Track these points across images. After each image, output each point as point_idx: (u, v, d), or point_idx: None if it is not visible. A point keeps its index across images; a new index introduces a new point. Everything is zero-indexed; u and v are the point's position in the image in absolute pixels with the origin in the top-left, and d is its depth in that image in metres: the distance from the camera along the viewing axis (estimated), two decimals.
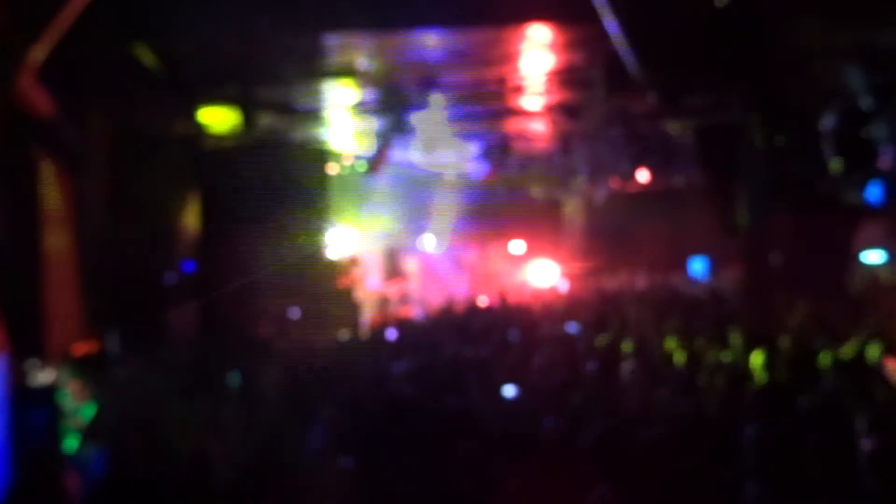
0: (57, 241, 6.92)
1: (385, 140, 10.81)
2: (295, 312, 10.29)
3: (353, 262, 14.21)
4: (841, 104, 7.91)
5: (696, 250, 17.71)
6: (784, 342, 6.45)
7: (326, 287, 11.47)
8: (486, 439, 4.34)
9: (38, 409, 5.18)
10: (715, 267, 16.42)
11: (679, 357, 6.49)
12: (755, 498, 3.36)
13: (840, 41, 6.79)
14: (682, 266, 17.00)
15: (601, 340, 7.23)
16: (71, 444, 5.68)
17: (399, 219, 16.37)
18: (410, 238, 16.62)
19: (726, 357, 6.27)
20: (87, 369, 7.39)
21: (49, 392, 5.69)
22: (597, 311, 9.84)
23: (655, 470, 3.82)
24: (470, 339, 8.35)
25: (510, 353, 7.19)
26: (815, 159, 8.09)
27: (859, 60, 7.12)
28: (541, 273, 17.98)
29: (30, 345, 6.14)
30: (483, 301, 13.45)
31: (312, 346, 8.59)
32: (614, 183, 17.50)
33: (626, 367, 6.18)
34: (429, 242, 17.28)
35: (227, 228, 10.26)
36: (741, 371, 5.81)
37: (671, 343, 6.82)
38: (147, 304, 9.31)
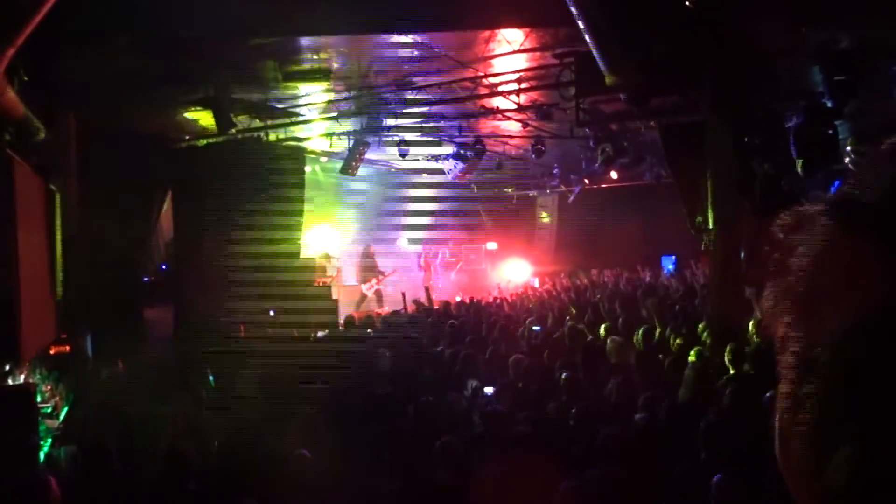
0: (31, 242, 6.82)
1: (360, 140, 10.81)
2: (271, 311, 10.25)
3: (329, 261, 14.18)
4: (805, 103, 8.04)
5: (667, 247, 17.89)
6: (750, 337, 6.55)
7: (303, 286, 11.45)
8: (463, 436, 4.36)
9: (13, 409, 5.09)
10: (684, 264, 16.61)
11: (650, 350, 6.57)
12: (722, 490, 3.41)
13: (803, 41, 6.91)
14: (652, 263, 17.15)
15: (573, 336, 7.29)
16: (47, 444, 5.61)
17: (375, 218, 16.37)
18: (386, 237, 16.63)
19: (696, 350, 6.35)
20: (62, 370, 7.30)
21: (24, 392, 5.60)
22: (569, 307, 9.91)
23: (625, 463, 3.86)
24: (445, 338, 8.36)
25: (484, 351, 7.22)
26: (781, 158, 8.22)
27: (822, 60, 7.24)
28: (514, 271, 18.07)
29: (4, 345, 6.05)
30: (458, 299, 13.46)
31: (289, 345, 8.56)
32: (585, 181, 17.67)
33: (598, 363, 6.24)
34: (404, 242, 17.31)
35: (203, 228, 10.20)
36: (711, 364, 5.90)
37: (642, 337, 6.89)
38: (122, 305, 9.22)
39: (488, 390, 5.84)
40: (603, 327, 7.20)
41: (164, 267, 11.03)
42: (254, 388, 6.32)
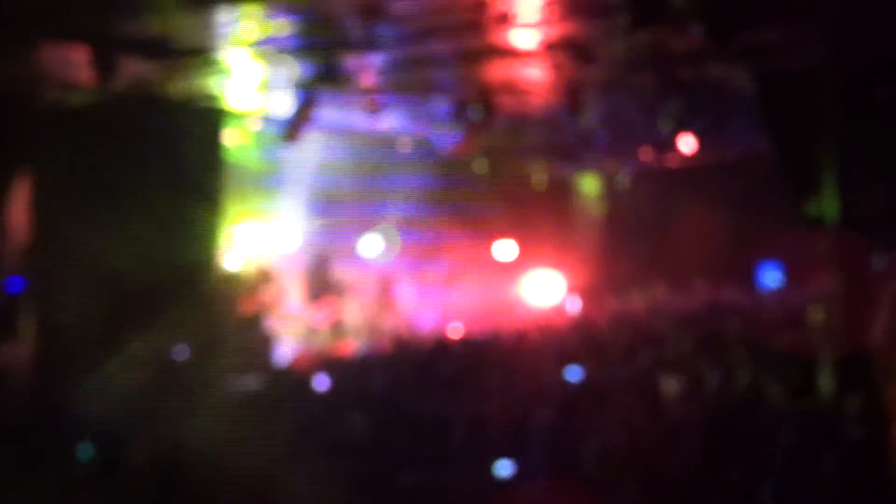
0: None
1: (309, 95, 10.82)
2: (178, 351, 10.22)
3: (263, 275, 14.17)
4: None
5: (765, 253, 17.97)
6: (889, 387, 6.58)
7: (224, 313, 11.40)
8: None
9: None
10: (792, 276, 16.68)
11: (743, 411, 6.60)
12: None
13: None
14: (743, 276, 17.24)
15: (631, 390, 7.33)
16: None
17: (331, 210, 16.35)
18: (347, 239, 16.62)
19: (809, 406, 6.40)
20: None
21: None
22: (622, 344, 9.95)
23: None
24: (437, 389, 8.41)
25: (497, 410, 7.28)
26: None
27: None
28: (540, 288, 18.04)
29: None
30: (456, 331, 13.50)
31: (204, 401, 8.57)
32: (645, 155, 17.66)
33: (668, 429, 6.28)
34: (374, 245, 17.29)
35: (75, 226, 10.16)
36: (830, 427, 5.93)
37: (731, 390, 6.93)
38: None
39: (504, 468, 5.91)
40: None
41: (15, 285, 10.99)
42: (151, 465, 6.34)
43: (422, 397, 8.01)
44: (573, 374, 8.65)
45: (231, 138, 12.31)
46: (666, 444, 5.85)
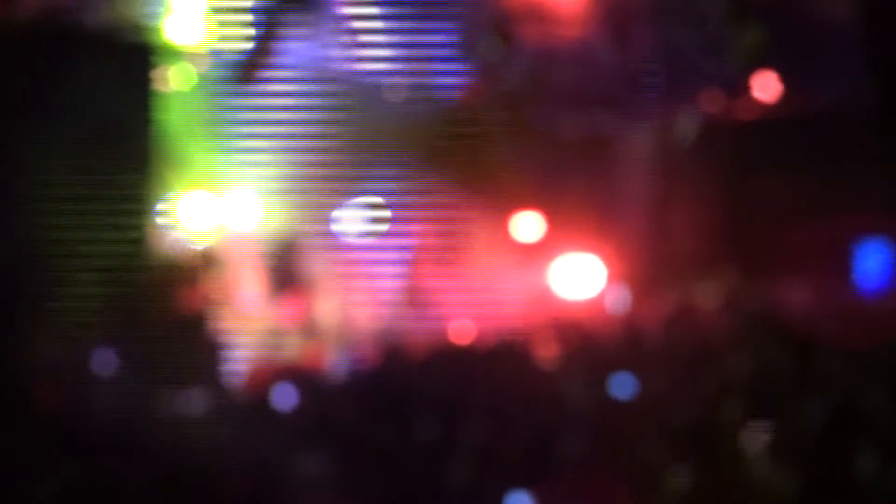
0: None
1: (271, 24, 10.83)
2: (102, 360, 10.25)
3: (210, 260, 14.20)
4: None
5: (869, 231, 17.99)
6: None
7: (159, 310, 11.40)
8: None
9: None
10: None
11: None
12: None
13: None
14: (841, 263, 17.30)
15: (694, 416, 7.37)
16: None
17: (300, 176, 16.34)
18: (321, 213, 16.64)
19: None
20: None
21: None
22: (681, 354, 9.98)
23: None
24: (437, 409, 8.47)
25: (514, 436, 7.32)
26: None
27: None
28: (573, 277, 18.02)
29: None
30: (462, 334, 13.58)
31: (134, 424, 8.62)
32: (712, 102, 17.62)
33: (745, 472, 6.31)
34: (356, 221, 17.32)
35: None
36: None
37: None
38: None
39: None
40: None
41: None
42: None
43: (417, 420, 8.04)
44: (617, 388, 8.69)
45: (168, 82, 12.33)
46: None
